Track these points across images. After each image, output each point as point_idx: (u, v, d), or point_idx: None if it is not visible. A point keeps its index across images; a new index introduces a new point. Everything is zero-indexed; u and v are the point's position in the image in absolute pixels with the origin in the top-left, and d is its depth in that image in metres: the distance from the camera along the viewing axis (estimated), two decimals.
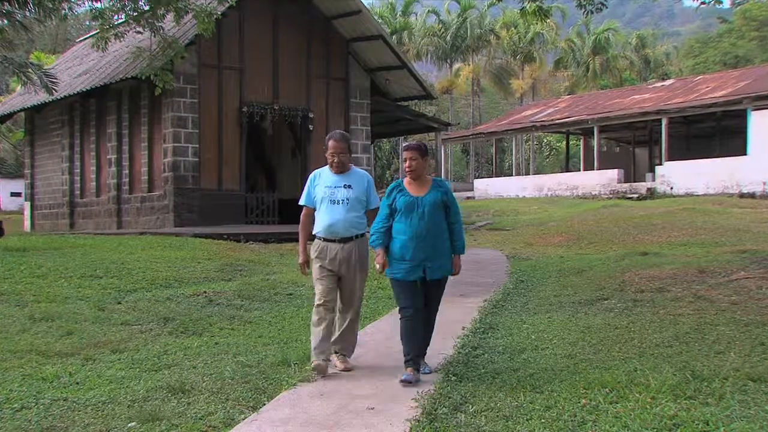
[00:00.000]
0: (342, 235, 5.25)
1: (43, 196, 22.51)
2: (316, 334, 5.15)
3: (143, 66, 15.38)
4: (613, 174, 28.95)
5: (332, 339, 5.27)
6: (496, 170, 39.70)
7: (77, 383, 4.94)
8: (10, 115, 24.46)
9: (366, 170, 24.57)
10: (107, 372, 5.25)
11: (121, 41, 16.57)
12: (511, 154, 42.09)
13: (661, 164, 27.82)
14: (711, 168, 25.83)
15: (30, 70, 16.24)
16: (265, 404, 4.41)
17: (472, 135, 37.69)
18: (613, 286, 8.50)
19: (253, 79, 17.96)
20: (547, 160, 51.29)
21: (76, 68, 22.24)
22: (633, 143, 35.88)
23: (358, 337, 5.57)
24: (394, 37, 41.78)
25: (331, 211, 5.24)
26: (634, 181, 30.35)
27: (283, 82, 18.44)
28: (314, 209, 5.35)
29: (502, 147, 45.98)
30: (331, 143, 5.30)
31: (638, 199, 25.93)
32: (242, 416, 4.21)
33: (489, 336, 6.36)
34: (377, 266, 5.03)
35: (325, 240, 5.28)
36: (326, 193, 5.27)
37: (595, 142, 30.73)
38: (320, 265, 5.26)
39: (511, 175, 37.62)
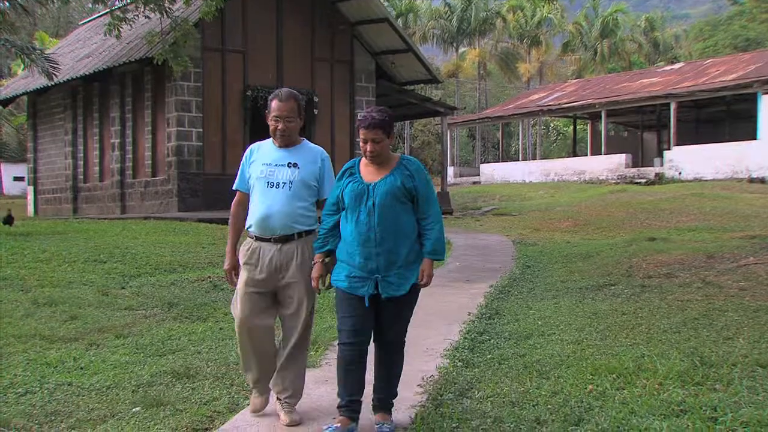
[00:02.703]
0: (280, 232, 3.83)
1: (46, 180, 22.52)
2: (246, 362, 3.97)
3: (158, 49, 15.23)
4: (620, 159, 28.78)
5: (270, 382, 3.97)
6: (503, 155, 39.56)
7: (81, 368, 4.92)
8: (12, 99, 24.41)
9: None
10: (111, 357, 5.23)
11: (131, 27, 16.46)
12: (518, 139, 41.91)
13: (669, 149, 27.65)
14: (720, 153, 25.65)
15: (32, 54, 16.15)
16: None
17: (478, 119, 37.52)
18: (621, 271, 8.45)
19: (257, 62, 17.85)
20: (554, 144, 51.10)
21: (79, 51, 22.15)
22: (641, 128, 35.66)
23: (307, 374, 4.09)
24: (399, 20, 41.49)
25: (266, 198, 3.85)
26: (642, 166, 30.19)
27: (288, 66, 18.32)
28: (248, 195, 4.00)
29: (508, 131, 45.78)
30: (274, 104, 3.89)
31: (646, 184, 25.79)
32: (246, 402, 4.19)
33: (495, 322, 6.33)
34: (313, 282, 3.72)
35: (257, 239, 3.89)
36: (263, 173, 3.88)
37: (602, 127, 30.52)
38: (249, 276, 3.87)
39: (518, 160, 37.49)
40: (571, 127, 39.97)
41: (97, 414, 4.00)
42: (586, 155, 33.44)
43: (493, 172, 33.66)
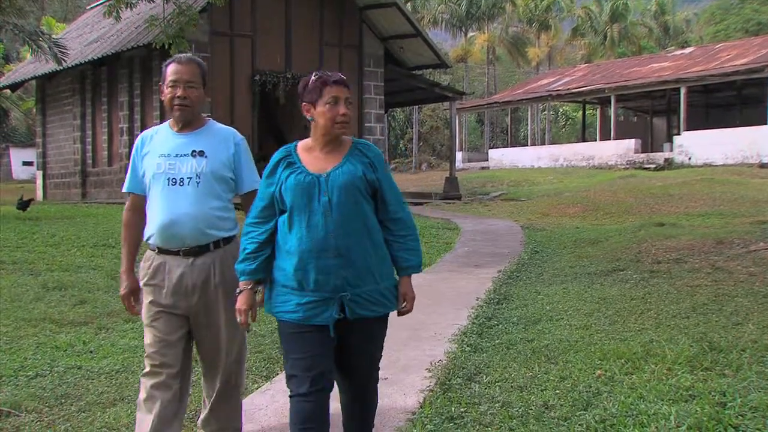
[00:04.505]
0: (190, 242, 3.02)
1: (54, 165, 22.59)
2: (142, 424, 3.00)
3: (157, 34, 15.24)
4: (630, 144, 28.61)
5: (199, 420, 3.29)
6: (512, 140, 39.40)
7: (91, 352, 4.96)
8: (21, 84, 24.44)
9: (379, 141, 24.13)
10: (120, 341, 5.27)
11: (132, 9, 16.44)
12: (527, 124, 41.71)
13: (679, 134, 27.46)
14: (730, 138, 25.44)
15: (40, 38, 16.15)
16: (278, 374, 4.40)
17: (487, 104, 37.32)
18: (630, 256, 8.41)
19: (265, 47, 17.80)
20: (563, 129, 50.82)
21: (87, 36, 22.14)
22: (651, 113, 35.40)
23: (244, 411, 3.39)
24: (408, 4, 41.17)
25: (168, 199, 3.02)
26: (652, 152, 30.01)
27: (296, 51, 18.25)
28: (144, 198, 3.14)
29: (517, 117, 45.57)
30: (171, 67, 3.08)
31: (655, 169, 25.63)
32: (255, 386, 4.21)
33: (503, 307, 6.32)
34: (238, 317, 2.81)
35: (160, 252, 3.06)
36: (160, 167, 3.05)
37: (612, 112, 30.32)
38: (152, 300, 3.06)
39: (527, 145, 37.31)
40: (581, 112, 39.71)
41: (107, 397, 4.03)
42: (596, 140, 33.26)
43: (502, 157, 33.53)
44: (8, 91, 27.39)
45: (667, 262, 7.91)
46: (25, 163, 38.07)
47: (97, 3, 26.24)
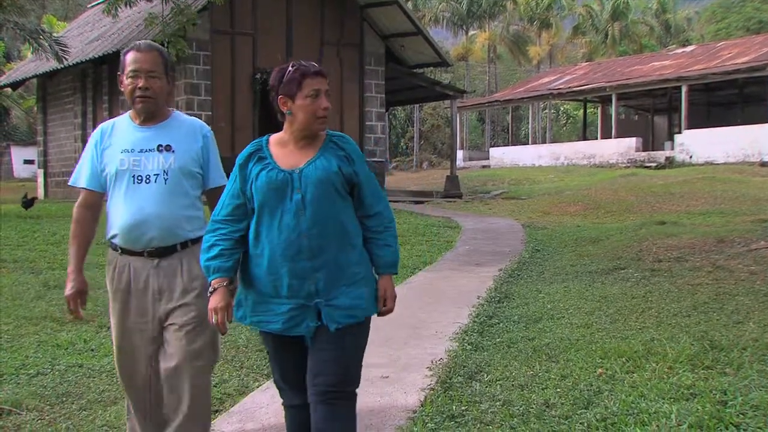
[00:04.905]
0: (157, 243, 2.83)
1: (56, 163, 22.60)
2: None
3: (155, 33, 15.27)
4: (631, 142, 28.59)
5: None
6: (513, 138, 39.37)
7: (92, 350, 4.96)
8: (22, 82, 24.46)
9: (380, 139, 24.19)
10: None
11: (132, 7, 16.46)
12: (528, 123, 41.69)
13: (680, 132, 27.43)
14: (732, 136, 25.42)
15: (41, 37, 16.16)
16: None
17: (488, 103, 37.30)
18: (631, 255, 8.41)
19: (266, 45, 17.79)
20: (564, 128, 50.81)
21: (88, 34, 22.15)
22: (652, 111, 35.37)
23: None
24: (409, 2, 41.16)
25: (134, 198, 2.82)
26: (653, 150, 29.99)
27: (297, 49, 18.24)
28: (101, 195, 2.93)
29: (518, 115, 45.53)
30: (130, 56, 2.83)
31: (657, 168, 25.61)
32: (256, 384, 4.21)
33: (504, 305, 6.32)
34: (212, 317, 2.54)
35: (124, 252, 2.87)
36: (124, 163, 2.84)
37: (613, 110, 30.30)
38: (120, 305, 2.89)
39: (528, 144, 37.30)
40: (582, 111, 39.68)
41: (108, 395, 4.03)
42: (597, 139, 33.25)
43: (503, 155, 33.52)
44: (9, 89, 27.41)
45: (668, 260, 7.90)
46: (26, 162, 38.08)
47: (98, 1, 26.22)
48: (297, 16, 18.26)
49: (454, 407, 3.66)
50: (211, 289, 2.57)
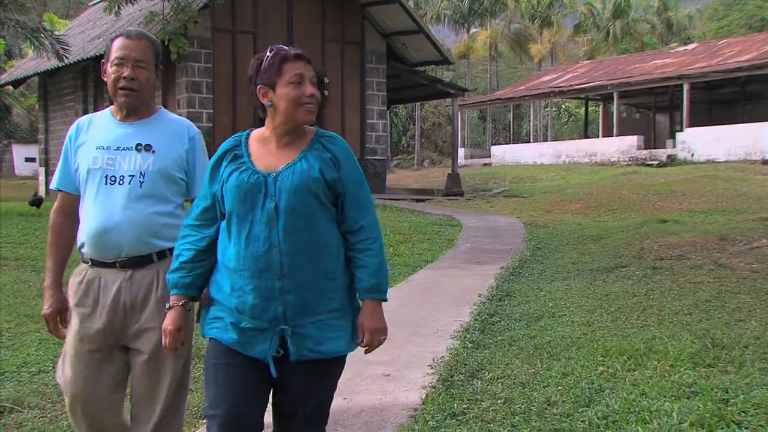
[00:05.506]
0: (129, 252, 2.49)
1: (57, 161, 22.59)
2: None
3: (156, 31, 15.26)
4: (632, 140, 28.56)
5: None
6: (514, 137, 39.28)
7: None
8: (23, 80, 24.47)
9: (381, 137, 24.27)
10: None
11: (133, 5, 16.45)
12: (529, 121, 41.66)
13: (681, 131, 27.40)
14: (733, 134, 25.38)
15: (42, 35, 16.16)
16: None
17: (489, 101, 37.28)
18: (632, 253, 8.41)
19: (267, 43, 17.27)
20: (566, 126, 50.77)
21: (90, 32, 22.15)
22: (653, 109, 35.34)
23: None
24: (410, 0, 41.17)
25: (105, 201, 2.50)
26: (654, 148, 29.95)
27: (298, 47, 18.07)
28: (78, 197, 2.61)
29: (519, 113, 45.48)
30: (118, 42, 2.55)
31: (658, 166, 25.59)
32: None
33: (506, 303, 6.32)
34: (164, 339, 2.29)
35: (94, 264, 2.54)
36: (97, 162, 2.53)
37: (614, 108, 30.27)
38: (82, 326, 2.52)
39: (529, 142, 37.26)
40: (583, 109, 39.64)
41: None
42: (598, 137, 33.20)
43: (504, 153, 33.49)
44: (10, 87, 27.42)
45: (670, 258, 7.90)
46: (28, 160, 38.06)
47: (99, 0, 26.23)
48: (298, 14, 18.26)
49: (455, 405, 3.66)
50: (167, 306, 2.28)
